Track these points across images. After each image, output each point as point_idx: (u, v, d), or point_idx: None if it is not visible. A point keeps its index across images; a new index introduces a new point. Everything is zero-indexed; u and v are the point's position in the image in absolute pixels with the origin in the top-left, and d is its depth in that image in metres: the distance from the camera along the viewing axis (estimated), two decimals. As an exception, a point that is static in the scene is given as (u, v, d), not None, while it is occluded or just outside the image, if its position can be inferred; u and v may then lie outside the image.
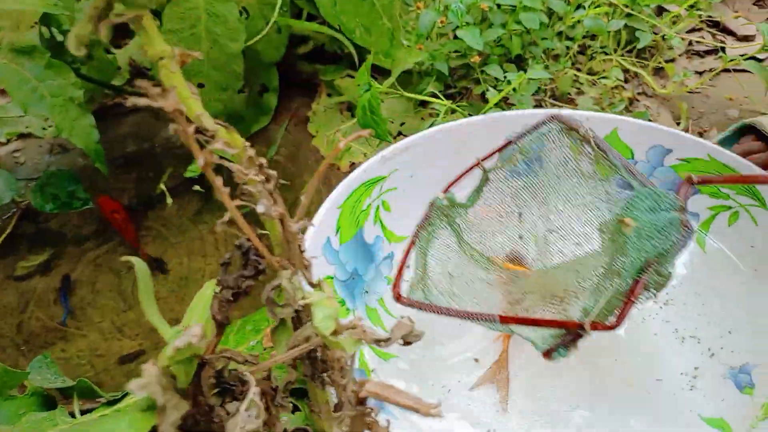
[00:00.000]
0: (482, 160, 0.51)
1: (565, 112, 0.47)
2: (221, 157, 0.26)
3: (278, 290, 0.31)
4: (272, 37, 0.78)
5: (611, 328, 0.40)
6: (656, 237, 0.38)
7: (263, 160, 0.29)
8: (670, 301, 0.54)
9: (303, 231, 0.30)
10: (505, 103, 0.73)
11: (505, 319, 0.43)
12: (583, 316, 0.41)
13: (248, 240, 0.30)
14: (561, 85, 0.77)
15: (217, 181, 0.26)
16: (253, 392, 0.26)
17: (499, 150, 0.51)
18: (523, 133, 0.49)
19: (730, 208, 0.56)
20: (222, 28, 0.70)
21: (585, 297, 0.43)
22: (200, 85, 0.73)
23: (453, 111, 0.70)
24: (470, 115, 0.66)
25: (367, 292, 0.56)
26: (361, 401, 0.27)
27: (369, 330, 0.30)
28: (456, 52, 0.76)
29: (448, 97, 0.77)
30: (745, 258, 0.54)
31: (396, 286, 0.49)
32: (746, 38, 0.85)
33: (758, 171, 0.55)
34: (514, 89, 0.70)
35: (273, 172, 0.29)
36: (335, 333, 0.30)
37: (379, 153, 0.60)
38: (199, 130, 0.25)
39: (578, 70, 0.82)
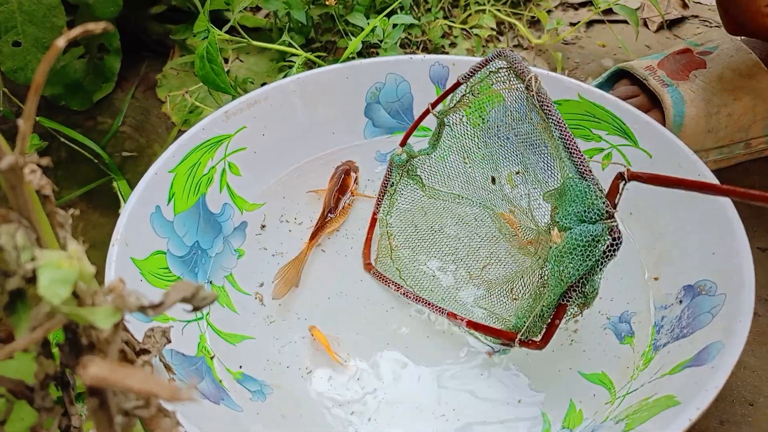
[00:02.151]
0: (433, 106, 0.48)
1: (511, 53, 0.42)
2: None
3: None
4: (105, -11, 0.68)
5: (538, 347, 0.39)
6: (578, 258, 0.35)
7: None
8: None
9: (22, 168, 0.22)
10: (371, 55, 0.67)
11: (451, 316, 0.44)
12: (517, 320, 0.40)
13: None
14: (432, 35, 0.71)
15: None
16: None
17: (450, 91, 0.46)
18: (471, 72, 0.44)
19: (602, 150, 0.53)
20: (34, -25, 0.59)
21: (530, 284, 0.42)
22: (16, 44, 0.62)
23: (312, 64, 0.63)
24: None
25: (210, 282, 0.48)
26: (92, 392, 0.20)
27: (132, 293, 0.22)
28: (317, 1, 0.68)
29: (312, 52, 0.70)
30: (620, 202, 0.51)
31: (366, 255, 0.51)
32: (618, -12, 0.84)
33: (627, 106, 0.52)
34: (380, 41, 0.64)
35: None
36: (82, 302, 0.22)
37: (222, 108, 0.52)
38: None
39: (452, 22, 0.77)
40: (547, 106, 0.38)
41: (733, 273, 0.39)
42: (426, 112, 0.49)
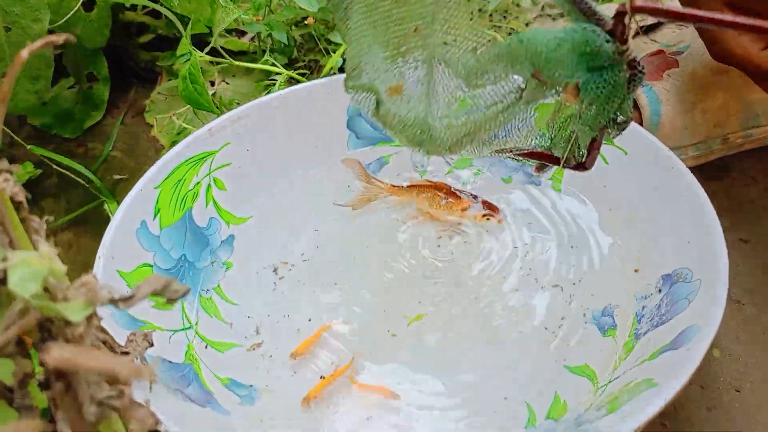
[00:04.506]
0: None
1: None
2: None
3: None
4: (92, 19, 0.69)
5: (584, 169, 0.36)
6: (602, 105, 0.31)
7: None
8: (528, 253, 0.50)
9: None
10: (353, 71, 0.68)
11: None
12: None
13: None
14: (413, 50, 0.73)
15: None
16: None
17: None
18: None
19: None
20: (20, 7, 0.61)
21: None
22: (4, 75, 0.63)
23: (296, 82, 0.64)
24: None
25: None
26: (58, 375, 0.20)
27: (104, 287, 0.23)
28: (299, 22, 0.70)
29: (295, 71, 0.72)
30: (598, 199, 0.52)
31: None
32: (594, -3, 0.86)
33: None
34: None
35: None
36: (53, 297, 0.23)
37: (206, 126, 0.53)
38: None
39: (433, 37, 0.78)
40: None
41: (708, 259, 0.40)
42: None
